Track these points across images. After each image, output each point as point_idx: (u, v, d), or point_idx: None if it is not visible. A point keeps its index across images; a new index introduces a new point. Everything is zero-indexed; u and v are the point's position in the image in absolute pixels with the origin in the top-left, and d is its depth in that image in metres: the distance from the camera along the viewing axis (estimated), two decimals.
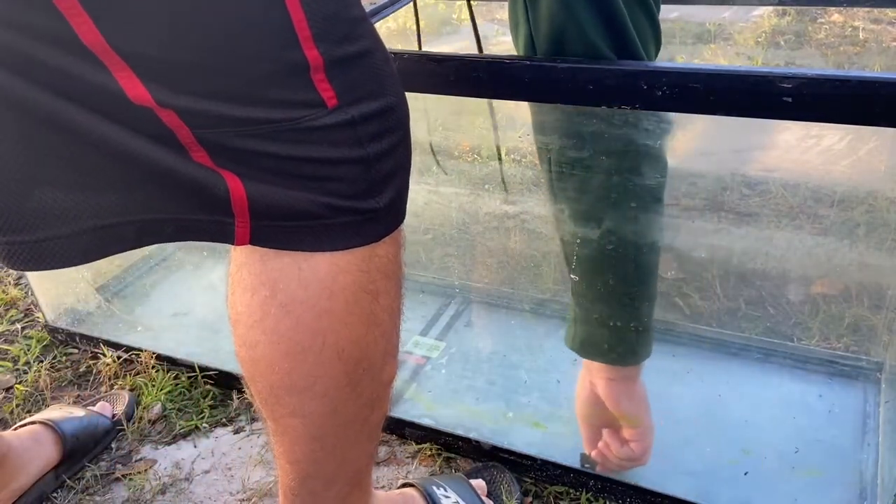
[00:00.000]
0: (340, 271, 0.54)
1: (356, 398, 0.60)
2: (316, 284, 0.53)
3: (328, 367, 0.56)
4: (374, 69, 0.51)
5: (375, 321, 0.58)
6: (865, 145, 0.98)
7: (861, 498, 0.87)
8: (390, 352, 0.62)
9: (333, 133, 0.49)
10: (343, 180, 0.51)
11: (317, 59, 0.47)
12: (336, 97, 0.49)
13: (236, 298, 0.56)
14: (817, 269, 1.18)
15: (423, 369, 1.11)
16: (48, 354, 1.21)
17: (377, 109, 0.51)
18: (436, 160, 1.13)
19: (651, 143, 0.72)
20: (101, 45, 0.43)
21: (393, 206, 0.55)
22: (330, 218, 0.52)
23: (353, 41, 0.49)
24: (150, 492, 0.96)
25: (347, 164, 0.51)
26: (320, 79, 0.48)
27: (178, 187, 0.50)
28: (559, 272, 1.25)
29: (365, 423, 0.63)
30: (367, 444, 0.67)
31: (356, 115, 0.50)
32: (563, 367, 1.09)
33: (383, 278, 0.57)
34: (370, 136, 0.51)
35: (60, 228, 0.50)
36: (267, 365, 0.56)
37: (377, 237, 0.55)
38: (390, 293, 0.59)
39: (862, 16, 2.31)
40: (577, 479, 0.91)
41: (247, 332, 0.56)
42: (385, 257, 0.57)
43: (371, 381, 0.60)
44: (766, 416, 0.98)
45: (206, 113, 0.47)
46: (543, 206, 0.85)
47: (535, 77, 0.66)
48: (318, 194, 0.51)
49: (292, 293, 0.54)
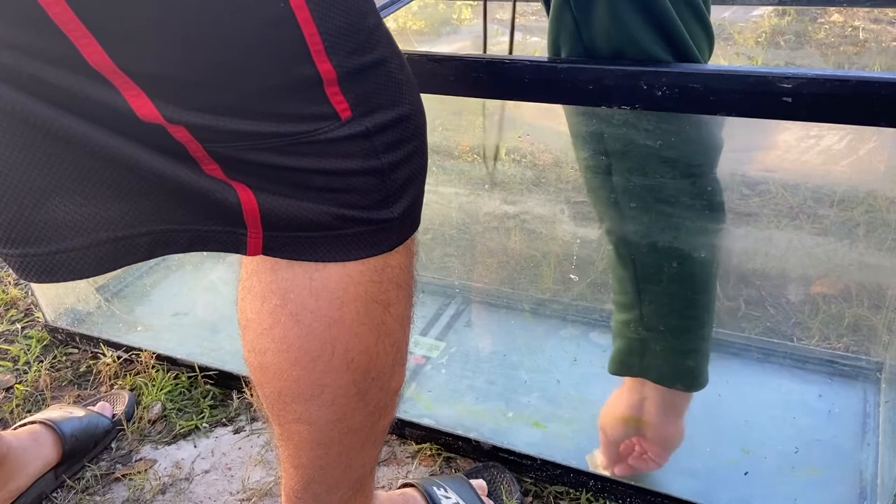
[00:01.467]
0: (352, 282, 0.53)
1: (364, 406, 0.60)
2: (327, 294, 0.53)
3: (337, 377, 0.56)
4: (388, 78, 0.50)
5: (386, 331, 0.57)
6: (865, 145, 0.98)
7: (861, 498, 0.87)
8: (399, 360, 0.62)
9: (347, 144, 0.49)
10: (357, 191, 0.51)
11: (330, 73, 0.46)
12: (350, 109, 0.48)
13: (246, 305, 0.56)
14: (817, 269, 1.18)
15: (423, 369, 1.11)
16: (48, 354, 1.21)
17: (393, 119, 0.50)
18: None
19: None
20: (108, 66, 0.43)
21: (407, 215, 0.55)
22: (343, 229, 0.51)
23: (367, 51, 0.48)
24: (150, 492, 0.96)
25: (362, 174, 0.50)
26: (334, 92, 0.47)
27: (189, 199, 0.50)
28: (559, 272, 1.25)
29: (372, 430, 0.63)
30: (373, 449, 0.67)
31: (370, 126, 0.49)
32: (563, 367, 1.09)
33: (395, 288, 0.56)
34: (385, 147, 0.50)
35: (73, 240, 0.50)
36: (275, 372, 0.56)
37: (390, 247, 0.54)
38: (401, 303, 0.58)
39: (862, 16, 2.31)
40: (577, 479, 0.91)
41: (256, 339, 0.56)
42: (398, 267, 0.56)
43: (379, 389, 0.60)
44: (766, 416, 0.98)
45: (217, 128, 0.46)
46: (543, 206, 0.85)
47: (535, 77, 0.66)
48: (331, 205, 0.50)
49: (303, 302, 0.53)
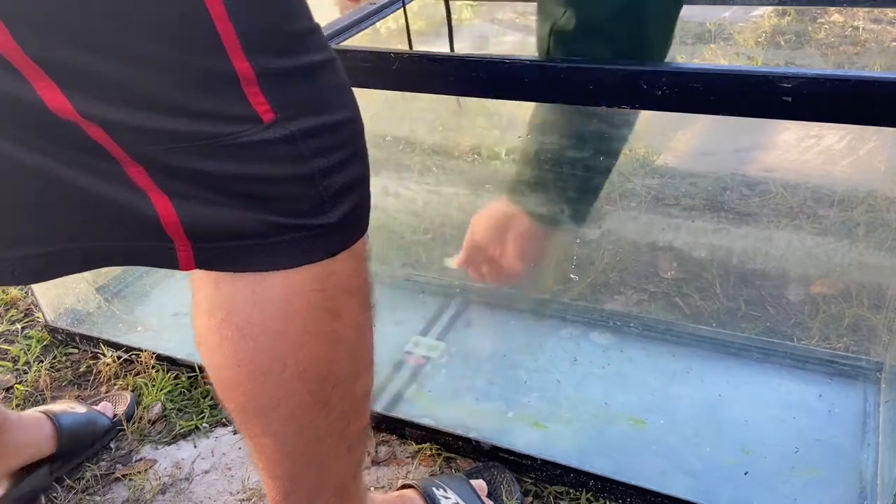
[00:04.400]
0: (294, 292, 0.52)
1: (326, 415, 0.59)
2: (269, 307, 0.52)
3: (291, 388, 0.56)
4: (320, 84, 0.49)
5: (338, 339, 0.56)
6: (865, 145, 0.98)
7: (861, 498, 0.87)
8: (361, 366, 0.61)
9: (272, 149, 0.48)
10: (287, 197, 0.50)
11: (247, 72, 0.45)
12: (273, 111, 0.47)
13: (197, 322, 0.56)
14: (817, 269, 1.18)
15: (423, 369, 1.11)
16: (48, 354, 1.21)
17: (323, 125, 0.49)
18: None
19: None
20: (17, 53, 0.42)
21: (348, 220, 0.53)
22: (276, 236, 0.50)
23: (294, 55, 0.47)
24: (150, 492, 0.96)
25: (291, 180, 0.49)
26: (254, 92, 0.46)
27: (109, 214, 0.50)
28: (559, 272, 1.25)
29: (341, 437, 0.62)
30: (349, 455, 0.66)
31: (296, 131, 0.48)
32: (563, 367, 1.09)
33: (344, 295, 0.55)
34: (314, 152, 0.49)
35: (4, 252, 0.50)
36: (232, 387, 0.56)
37: (331, 253, 0.53)
38: (353, 309, 0.57)
39: (862, 16, 2.31)
40: (577, 479, 0.91)
41: (210, 356, 0.56)
42: (345, 274, 0.55)
43: (342, 396, 0.59)
44: (766, 416, 0.98)
45: (134, 125, 0.45)
46: (543, 206, 0.86)
47: (535, 77, 0.66)
48: (259, 212, 0.49)
49: (247, 317, 0.53)
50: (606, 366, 1.09)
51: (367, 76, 0.72)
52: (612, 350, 1.11)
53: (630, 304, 1.19)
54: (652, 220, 1.32)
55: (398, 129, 1.35)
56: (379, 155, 1.49)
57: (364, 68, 0.72)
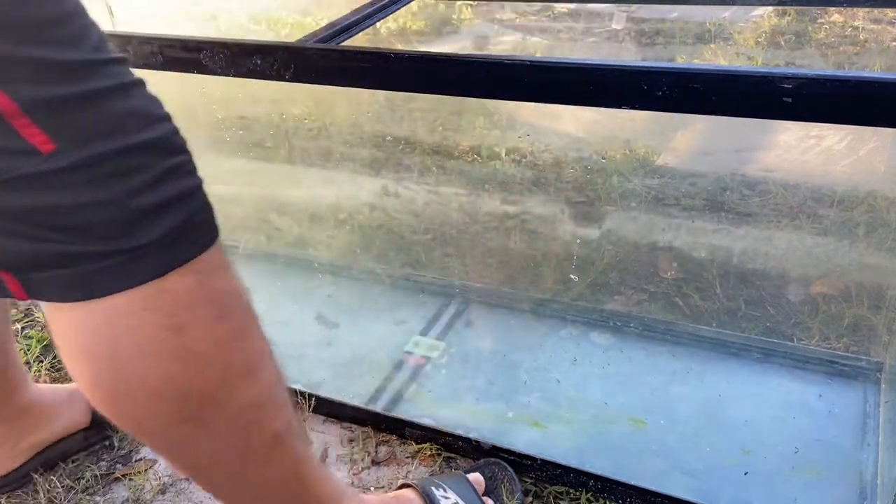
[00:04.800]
0: (119, 315, 0.51)
1: (207, 431, 0.57)
2: (95, 332, 0.51)
3: (152, 409, 0.54)
4: (107, 109, 0.48)
5: (189, 355, 0.54)
6: (865, 145, 0.98)
7: (861, 498, 0.87)
8: (232, 378, 0.58)
9: (59, 178, 0.47)
10: (91, 224, 0.48)
11: (8, 105, 0.44)
12: (51, 141, 0.46)
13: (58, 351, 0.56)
14: (817, 269, 1.18)
15: (423, 369, 1.11)
16: (48, 354, 1.21)
17: (115, 149, 0.48)
18: None
19: None
20: None
21: (173, 237, 0.51)
22: (90, 263, 0.49)
23: (70, 82, 0.46)
24: (150, 492, 0.96)
25: (89, 207, 0.48)
26: (24, 124, 0.45)
27: None
28: (559, 272, 1.25)
29: (247, 450, 0.60)
30: (276, 467, 0.63)
31: (84, 158, 0.47)
32: (563, 367, 1.09)
33: (186, 311, 0.53)
34: (110, 175, 0.48)
35: None
36: (101, 408, 0.55)
37: (155, 274, 0.51)
38: (204, 323, 0.55)
39: (862, 16, 2.31)
40: (577, 479, 0.91)
41: (73, 379, 0.55)
42: (182, 290, 0.53)
43: (217, 410, 0.57)
44: (766, 416, 0.98)
45: None
46: (543, 206, 0.85)
47: (535, 77, 0.66)
48: (63, 243, 0.48)
49: (80, 344, 0.52)
50: (606, 366, 1.09)
51: (367, 76, 0.72)
52: (612, 350, 1.11)
53: (630, 304, 1.20)
54: (652, 220, 1.32)
55: (398, 129, 1.36)
56: (379, 155, 1.49)
57: (364, 68, 0.72)
